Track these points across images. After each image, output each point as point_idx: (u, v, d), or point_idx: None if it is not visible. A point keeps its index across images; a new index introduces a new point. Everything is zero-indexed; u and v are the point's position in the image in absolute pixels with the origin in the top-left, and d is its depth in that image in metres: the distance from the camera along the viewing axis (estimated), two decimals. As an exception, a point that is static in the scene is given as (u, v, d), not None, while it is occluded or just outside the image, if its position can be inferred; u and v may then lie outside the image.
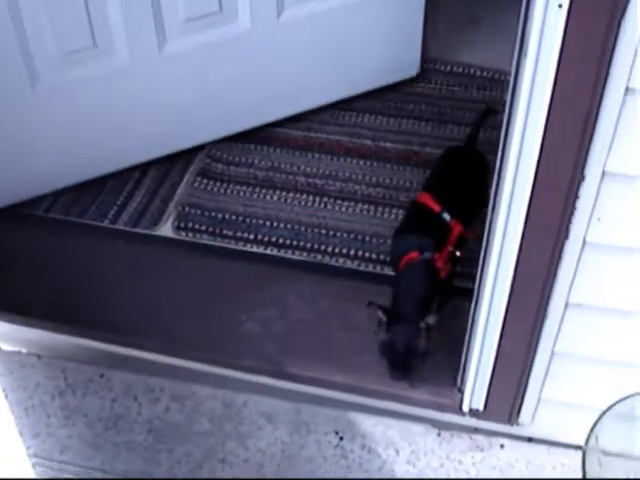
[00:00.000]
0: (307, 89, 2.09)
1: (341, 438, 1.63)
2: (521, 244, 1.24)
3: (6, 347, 1.87)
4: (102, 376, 1.78)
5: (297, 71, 2.04)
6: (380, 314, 1.50)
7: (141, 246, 1.87)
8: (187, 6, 1.84)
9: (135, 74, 1.88)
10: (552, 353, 1.40)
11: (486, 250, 1.32)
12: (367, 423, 1.64)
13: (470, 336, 1.45)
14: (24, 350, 1.85)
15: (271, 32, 1.93)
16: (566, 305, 1.30)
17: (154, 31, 1.85)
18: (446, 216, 1.62)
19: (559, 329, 1.35)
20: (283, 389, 1.67)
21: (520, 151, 1.13)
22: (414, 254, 1.57)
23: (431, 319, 1.49)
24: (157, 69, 1.89)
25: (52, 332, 1.81)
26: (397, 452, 1.60)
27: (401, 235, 1.65)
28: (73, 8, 1.75)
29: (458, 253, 1.61)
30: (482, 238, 1.35)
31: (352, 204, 1.90)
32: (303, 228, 1.85)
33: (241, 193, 1.96)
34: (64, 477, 1.65)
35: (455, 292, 1.63)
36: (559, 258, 1.24)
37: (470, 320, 1.44)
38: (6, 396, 1.78)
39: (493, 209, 1.26)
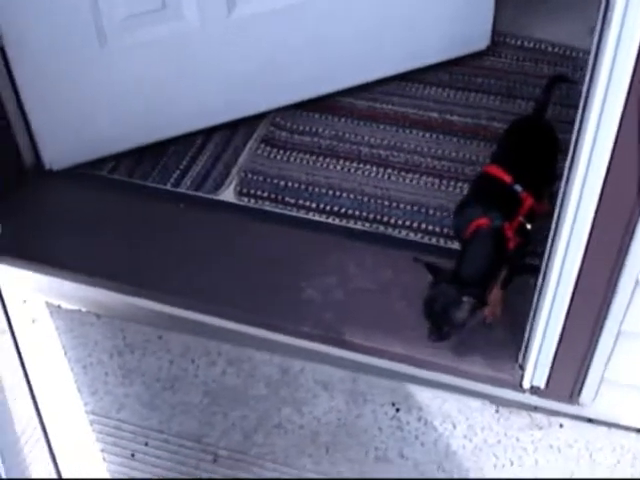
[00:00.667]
0: (374, 59, 2.09)
1: (397, 410, 1.64)
2: (594, 220, 1.23)
3: (66, 305, 1.91)
4: (160, 337, 1.81)
5: (365, 40, 2.04)
6: (428, 272, 1.50)
7: (203, 210, 1.89)
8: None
9: (202, 38, 1.90)
10: (619, 332, 1.39)
11: (557, 226, 1.32)
12: (424, 396, 1.65)
13: (535, 312, 1.45)
14: (84, 309, 1.89)
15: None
16: (637, 282, 1.29)
17: (223, -6, 1.86)
18: (517, 188, 1.61)
19: (627, 307, 1.34)
20: (340, 358, 1.68)
21: (597, 128, 1.13)
22: (483, 221, 1.56)
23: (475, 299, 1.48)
24: (225, 34, 1.90)
25: (112, 291, 1.84)
26: (454, 426, 1.61)
27: (469, 204, 1.64)
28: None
29: (529, 226, 1.60)
30: (551, 214, 1.34)
31: (416, 176, 1.90)
32: (366, 198, 1.86)
33: (304, 161, 1.97)
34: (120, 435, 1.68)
35: (521, 269, 1.63)
36: (632, 233, 1.23)
37: (536, 297, 1.44)
38: (65, 353, 1.82)
39: (567, 183, 1.25)
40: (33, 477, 1.59)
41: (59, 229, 1.91)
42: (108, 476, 1.67)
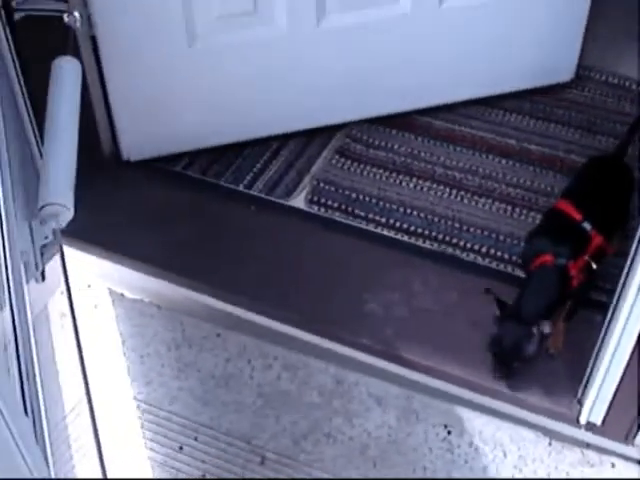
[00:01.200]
0: (457, 81, 2.12)
1: (449, 432, 1.66)
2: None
3: (129, 294, 1.95)
4: (219, 335, 1.85)
5: (450, 62, 2.07)
6: (496, 306, 1.53)
7: (273, 214, 1.93)
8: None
9: (290, 44, 1.94)
10: (683, 377, 1.39)
11: (631, 264, 1.33)
12: (478, 421, 1.66)
13: (600, 349, 1.45)
14: (146, 299, 1.93)
15: (431, 18, 1.97)
16: None
17: (315, 3, 1.90)
18: (587, 225, 1.63)
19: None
20: (396, 374, 1.70)
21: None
22: (548, 257, 1.59)
23: (546, 327, 1.51)
24: (313, 42, 1.95)
25: (175, 285, 1.88)
26: (505, 455, 1.62)
27: (537, 237, 1.67)
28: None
29: (594, 265, 1.61)
30: (623, 253, 1.35)
31: (489, 201, 1.92)
32: (436, 219, 1.88)
33: (377, 176, 2.00)
34: (170, 427, 1.72)
35: (585, 303, 1.64)
36: None
37: (602, 333, 1.44)
38: (123, 341, 1.87)
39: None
40: (74, 454, 1.63)
41: (129, 219, 1.96)
42: (151, 466, 1.71)
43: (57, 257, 1.89)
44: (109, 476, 1.61)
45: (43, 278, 1.33)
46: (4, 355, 0.94)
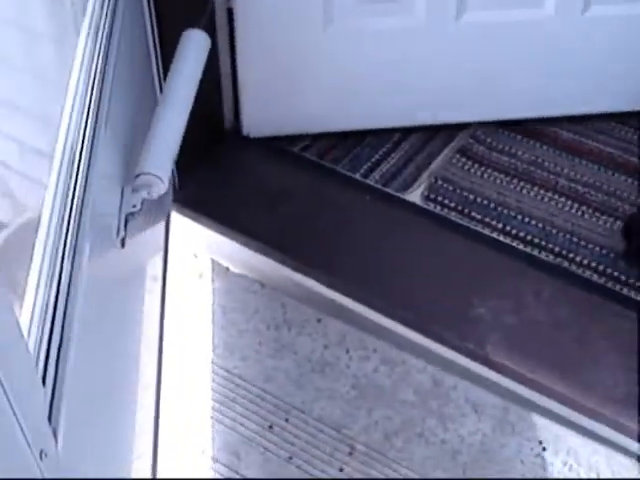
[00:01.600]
0: (590, 93, 2.08)
1: (544, 448, 1.63)
2: None
3: (234, 269, 1.98)
4: (319, 321, 1.85)
5: (586, 72, 2.03)
6: None
7: (388, 206, 1.93)
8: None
9: (427, 36, 1.94)
10: None
11: None
12: (575, 441, 1.63)
13: None
14: (250, 275, 1.95)
15: (574, 24, 1.94)
16: None
17: (455, -2, 1.89)
18: None
19: None
20: (497, 383, 1.68)
21: None
22: None
23: None
24: (450, 36, 1.93)
25: (280, 264, 1.89)
26: (598, 477, 1.58)
27: None
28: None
29: None
30: None
31: (611, 220, 1.88)
32: (555, 231, 1.85)
33: (497, 180, 1.98)
34: (262, 405, 1.73)
35: None
36: None
37: None
38: (224, 313, 1.89)
39: None
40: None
41: (242, 194, 1.98)
42: (240, 441, 1.72)
43: (162, 222, 1.93)
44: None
45: (123, 245, 1.34)
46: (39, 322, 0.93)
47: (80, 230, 1.03)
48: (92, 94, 1.21)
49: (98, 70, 1.25)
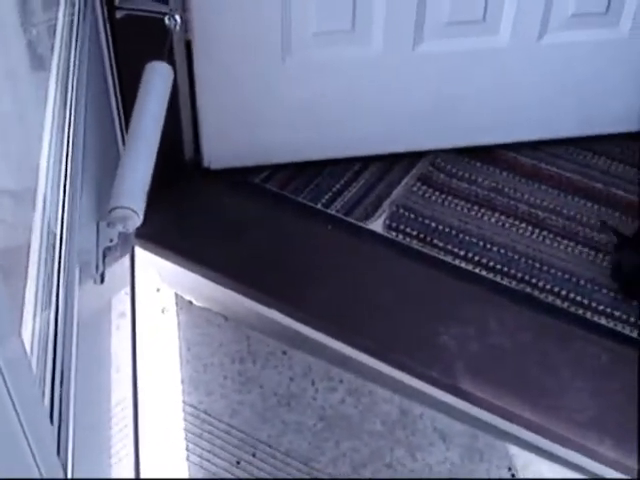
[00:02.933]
0: (547, 118, 2.11)
1: (513, 475, 1.64)
2: None
3: (197, 302, 1.97)
4: (284, 353, 1.85)
5: (542, 98, 2.06)
6: (612, 234, 1.73)
7: (350, 235, 1.94)
8: (451, 10, 1.90)
9: (384, 66, 1.96)
10: None
11: None
12: (544, 469, 1.64)
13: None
14: (214, 309, 1.95)
15: (528, 52, 1.97)
16: None
17: (413, 27, 1.92)
18: None
19: None
20: (463, 411, 1.69)
21: None
22: None
23: None
24: (407, 65, 1.96)
25: (244, 297, 1.89)
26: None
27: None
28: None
29: None
30: None
31: (572, 244, 1.91)
32: (516, 256, 1.87)
33: (458, 207, 1.99)
34: (228, 440, 1.73)
35: None
36: None
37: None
38: (188, 348, 1.88)
39: None
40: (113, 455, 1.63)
41: (204, 226, 1.98)
42: (205, 476, 1.71)
43: (127, 257, 1.92)
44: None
45: (102, 280, 1.34)
46: (40, 356, 0.94)
47: (68, 267, 1.03)
48: (68, 135, 1.21)
49: (72, 109, 1.25)
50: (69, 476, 0.85)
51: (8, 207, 1.04)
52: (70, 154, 1.18)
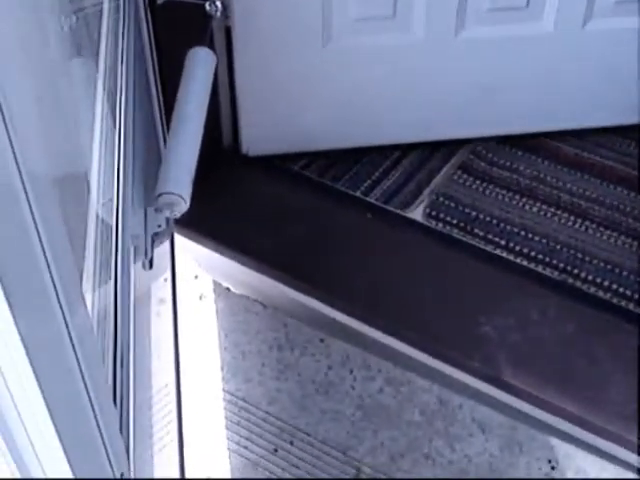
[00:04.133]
0: (591, 107, 2.09)
1: (553, 468, 1.64)
2: None
3: (235, 289, 1.98)
4: (322, 341, 1.86)
5: (586, 86, 2.05)
6: None
7: (389, 223, 1.94)
8: (492, -5, 1.89)
9: (425, 53, 1.95)
10: None
11: None
12: (583, 460, 1.64)
13: None
14: (252, 296, 1.96)
15: (573, 39, 1.95)
16: None
17: (455, 14, 1.91)
18: None
19: None
20: (503, 402, 1.68)
21: None
22: None
23: None
24: (449, 52, 1.95)
25: (282, 284, 1.90)
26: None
27: None
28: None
29: None
30: None
31: (615, 234, 1.89)
32: (558, 246, 1.86)
33: (499, 196, 1.99)
34: (266, 428, 1.74)
35: None
36: None
37: None
38: (226, 335, 1.90)
39: None
40: (155, 444, 1.65)
41: (242, 213, 1.99)
42: (244, 464, 1.73)
43: (166, 243, 1.94)
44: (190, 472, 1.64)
45: (151, 266, 1.36)
46: (101, 336, 0.95)
47: (125, 248, 1.05)
48: (119, 122, 1.22)
49: (123, 96, 1.27)
50: (131, 457, 0.86)
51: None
52: (122, 139, 1.19)
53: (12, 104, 0.53)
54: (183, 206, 1.36)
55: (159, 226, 1.37)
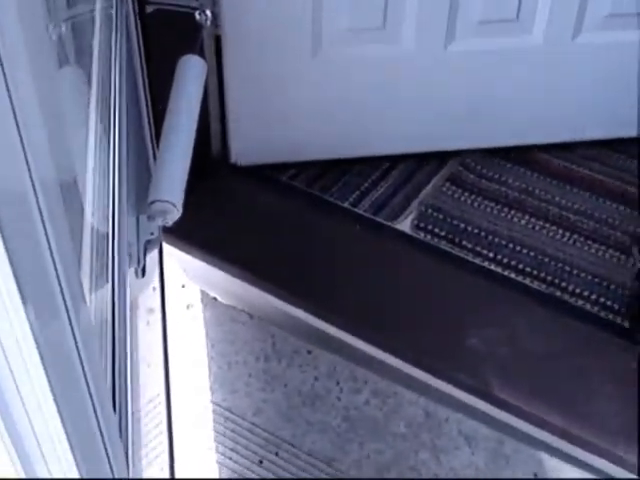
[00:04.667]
0: (581, 120, 2.11)
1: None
2: None
3: (222, 299, 1.99)
4: (309, 352, 1.86)
5: (576, 99, 2.06)
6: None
7: (377, 235, 1.94)
8: (484, 8, 1.90)
9: (415, 64, 1.96)
10: None
11: None
12: (570, 474, 1.64)
13: None
14: (239, 306, 1.96)
15: (563, 52, 1.97)
16: None
17: (445, 26, 1.92)
18: None
19: None
20: (490, 415, 1.69)
21: None
22: None
23: None
24: (439, 64, 1.96)
25: (269, 295, 1.90)
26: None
27: None
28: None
29: None
30: None
31: (603, 248, 1.90)
32: (547, 259, 1.87)
33: (488, 209, 2.00)
34: (252, 439, 1.74)
35: None
36: None
37: None
38: (212, 345, 1.90)
39: None
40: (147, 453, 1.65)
41: (230, 223, 1.99)
42: (228, 475, 1.73)
43: (155, 252, 1.94)
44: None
45: (143, 273, 1.36)
46: (100, 342, 0.96)
47: (120, 257, 1.06)
48: (114, 130, 1.23)
49: (116, 105, 1.27)
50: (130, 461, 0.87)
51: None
52: (117, 147, 1.20)
53: (25, 110, 0.54)
54: (175, 214, 1.37)
55: (151, 234, 1.37)
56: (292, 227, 1.99)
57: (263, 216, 2.01)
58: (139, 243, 1.37)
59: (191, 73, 1.58)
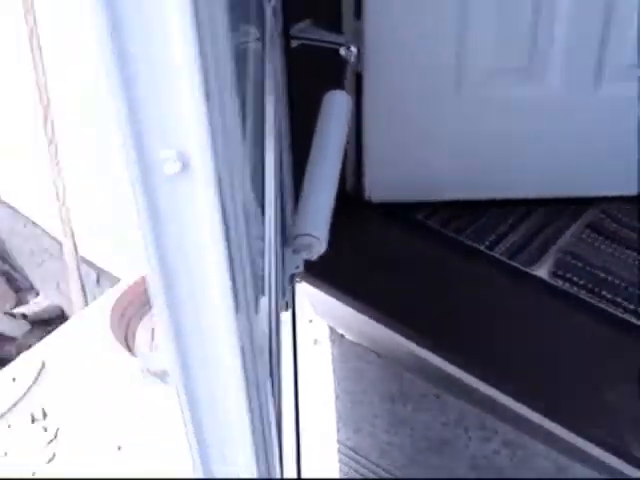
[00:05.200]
0: None
1: None
2: None
3: (349, 336, 1.98)
4: (438, 397, 1.84)
5: None
6: None
7: (513, 280, 1.91)
8: (632, 51, 1.86)
9: (560, 107, 1.93)
10: None
11: None
12: None
13: None
14: (365, 344, 1.95)
15: None
16: None
17: (593, 68, 1.88)
18: None
19: None
20: (626, 474, 1.63)
21: None
22: None
23: None
24: (585, 108, 1.93)
25: (398, 335, 1.89)
26: None
27: None
28: (521, 24, 1.83)
29: None
30: None
31: None
32: (690, 315, 1.80)
33: (630, 259, 1.94)
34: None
35: None
36: None
37: None
38: (338, 383, 1.90)
39: None
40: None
41: (361, 259, 1.99)
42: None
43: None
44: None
45: (287, 307, 1.37)
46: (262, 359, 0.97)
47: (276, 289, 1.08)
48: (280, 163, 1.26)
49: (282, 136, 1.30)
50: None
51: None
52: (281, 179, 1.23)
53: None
54: (320, 247, 1.38)
55: (297, 267, 1.39)
56: (424, 267, 1.97)
57: (394, 254, 2.01)
58: (284, 276, 1.38)
59: (338, 108, 1.60)
